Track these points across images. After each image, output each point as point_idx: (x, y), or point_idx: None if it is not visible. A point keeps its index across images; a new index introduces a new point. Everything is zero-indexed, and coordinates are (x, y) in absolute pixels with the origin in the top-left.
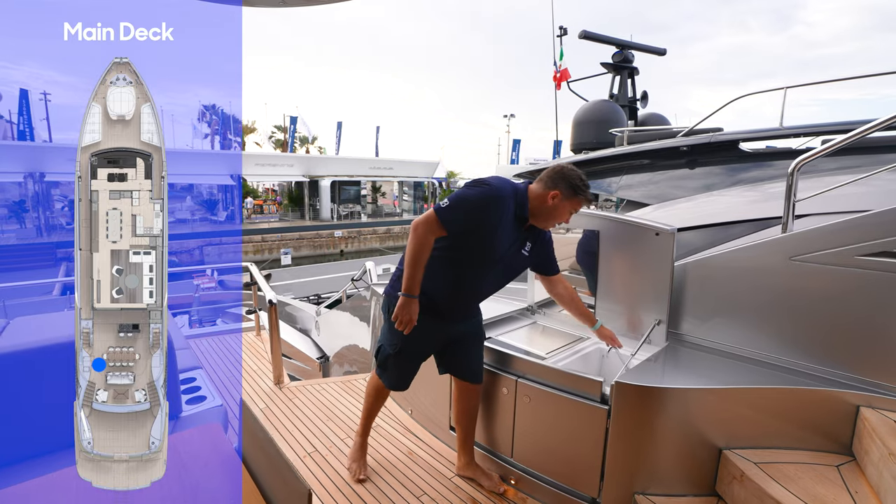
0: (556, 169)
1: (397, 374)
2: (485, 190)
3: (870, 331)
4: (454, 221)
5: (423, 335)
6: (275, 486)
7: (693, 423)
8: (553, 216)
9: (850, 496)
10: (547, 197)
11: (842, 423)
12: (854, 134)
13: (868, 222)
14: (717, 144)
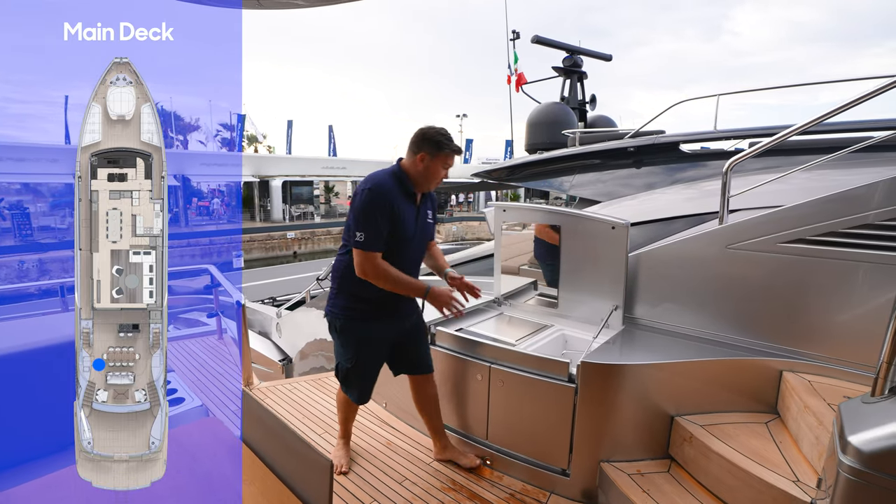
0: (417, 133)
1: (359, 386)
2: (367, 194)
3: (790, 307)
4: (378, 238)
5: (376, 343)
6: (292, 464)
7: (648, 394)
8: (430, 176)
9: (776, 446)
10: (417, 161)
11: (769, 386)
12: (776, 137)
13: (785, 215)
14: (660, 146)
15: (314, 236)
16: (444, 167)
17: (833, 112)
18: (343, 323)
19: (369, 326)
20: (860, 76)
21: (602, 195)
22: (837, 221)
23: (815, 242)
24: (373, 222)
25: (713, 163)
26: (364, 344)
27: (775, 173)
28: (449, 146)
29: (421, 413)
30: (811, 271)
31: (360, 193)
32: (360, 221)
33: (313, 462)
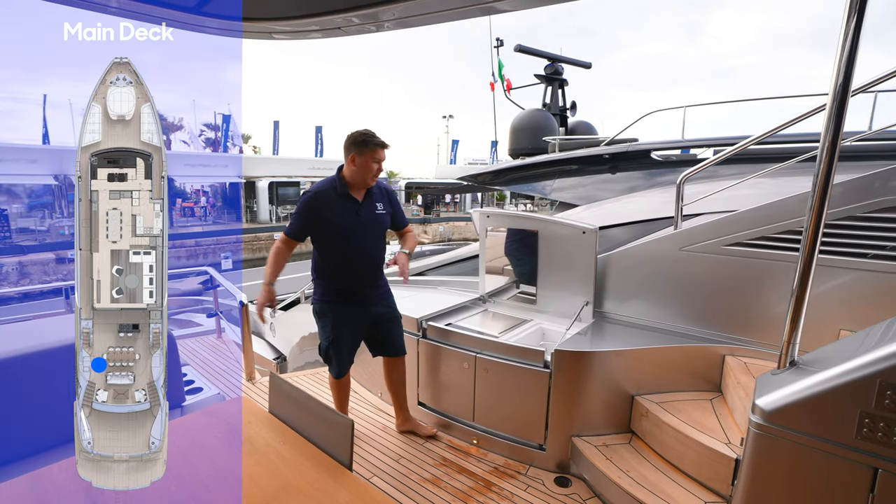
0: (346, 139)
1: (337, 362)
2: (303, 198)
3: (731, 300)
4: (293, 229)
5: (347, 323)
6: (317, 427)
7: (612, 377)
8: (364, 171)
9: (716, 417)
10: (349, 163)
11: (713, 368)
12: (721, 155)
13: (727, 222)
14: (634, 153)
15: None
16: (374, 161)
17: (783, 126)
18: (320, 307)
19: (341, 310)
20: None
21: (580, 199)
22: (767, 227)
23: (750, 245)
24: (297, 218)
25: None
26: (337, 324)
27: (735, 178)
28: (373, 142)
29: (390, 390)
30: (747, 270)
31: (301, 196)
32: (293, 216)
33: (336, 423)
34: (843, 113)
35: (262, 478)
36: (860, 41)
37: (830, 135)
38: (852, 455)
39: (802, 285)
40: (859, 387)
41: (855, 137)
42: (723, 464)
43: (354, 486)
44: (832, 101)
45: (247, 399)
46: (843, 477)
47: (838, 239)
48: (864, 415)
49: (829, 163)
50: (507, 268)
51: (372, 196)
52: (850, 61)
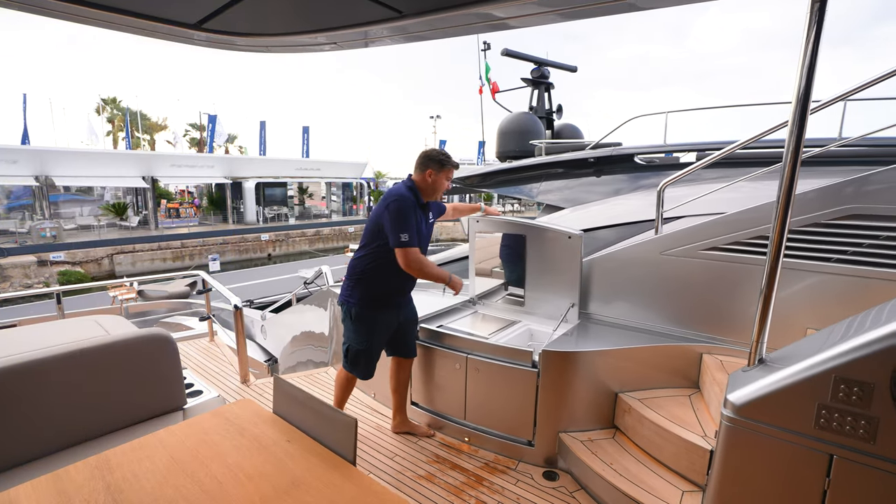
0: (422, 155)
1: (366, 366)
2: (400, 202)
3: (709, 302)
4: (415, 237)
5: (383, 329)
6: (321, 425)
7: (597, 376)
8: (436, 188)
9: (694, 412)
10: (426, 177)
11: (692, 366)
12: (708, 160)
13: (704, 226)
14: (618, 157)
15: (289, 238)
16: (447, 179)
17: (761, 135)
18: (359, 311)
19: (381, 315)
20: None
21: (566, 201)
22: (739, 233)
23: (724, 250)
24: (411, 224)
25: (666, 172)
26: (377, 331)
27: (715, 182)
28: (450, 162)
29: (395, 390)
30: (723, 273)
31: (389, 206)
32: (401, 226)
33: (340, 421)
34: (803, 129)
35: (273, 474)
36: (818, 60)
37: (792, 148)
38: (811, 444)
39: (769, 287)
40: (817, 382)
41: (836, 143)
42: (699, 455)
43: (359, 479)
44: (793, 119)
45: (250, 401)
46: (804, 463)
47: (805, 244)
48: (822, 407)
49: (791, 173)
50: (496, 270)
51: (429, 208)
52: (808, 83)
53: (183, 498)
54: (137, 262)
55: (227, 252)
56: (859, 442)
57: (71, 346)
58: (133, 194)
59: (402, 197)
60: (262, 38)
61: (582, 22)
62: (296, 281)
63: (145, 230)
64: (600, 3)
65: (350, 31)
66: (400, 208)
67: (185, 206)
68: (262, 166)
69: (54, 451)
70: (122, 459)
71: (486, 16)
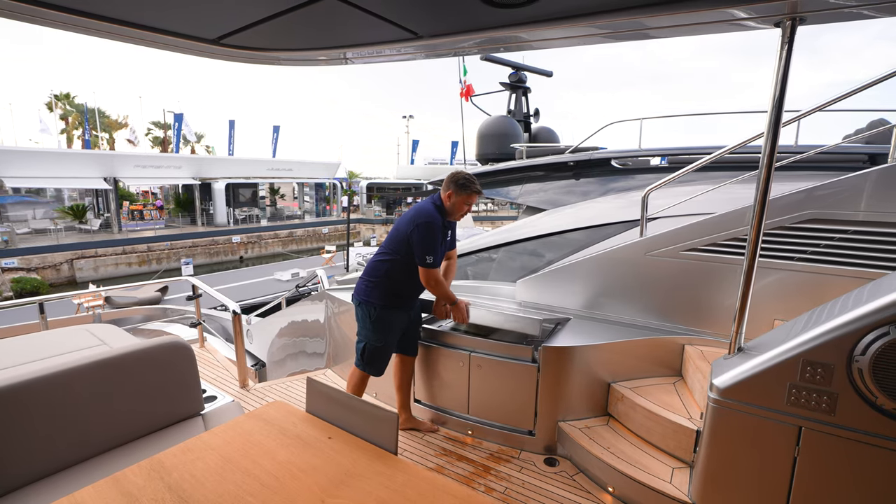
0: (449, 175)
1: (380, 363)
2: (430, 224)
3: (689, 297)
4: (438, 259)
5: (397, 327)
6: (361, 422)
7: (591, 368)
8: (455, 210)
9: (679, 398)
10: (446, 198)
11: (675, 356)
12: (690, 168)
13: (685, 229)
14: (596, 161)
15: (261, 240)
16: (466, 204)
17: (738, 145)
18: (380, 312)
19: (397, 315)
20: (758, 84)
21: (547, 203)
22: (716, 235)
23: (703, 250)
24: (437, 248)
25: (641, 176)
26: (394, 329)
27: (691, 185)
28: (471, 188)
29: (401, 387)
30: (701, 271)
31: (419, 226)
32: (428, 248)
33: (382, 417)
34: (776, 142)
35: (324, 467)
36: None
37: (766, 156)
38: (783, 418)
39: (747, 284)
40: (788, 364)
41: (814, 151)
42: (686, 435)
43: (406, 468)
44: (767, 130)
45: (282, 402)
46: (778, 436)
47: (772, 245)
48: (792, 386)
49: (766, 180)
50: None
51: (449, 225)
52: (781, 96)
53: (246, 493)
54: (100, 266)
55: (198, 255)
56: (822, 415)
57: (93, 357)
58: (93, 196)
59: (431, 217)
60: (277, 52)
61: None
62: (272, 284)
63: (108, 233)
64: (619, 30)
65: (365, 48)
66: (429, 231)
67: (149, 207)
68: (232, 167)
69: (77, 461)
70: (175, 461)
71: (501, 38)
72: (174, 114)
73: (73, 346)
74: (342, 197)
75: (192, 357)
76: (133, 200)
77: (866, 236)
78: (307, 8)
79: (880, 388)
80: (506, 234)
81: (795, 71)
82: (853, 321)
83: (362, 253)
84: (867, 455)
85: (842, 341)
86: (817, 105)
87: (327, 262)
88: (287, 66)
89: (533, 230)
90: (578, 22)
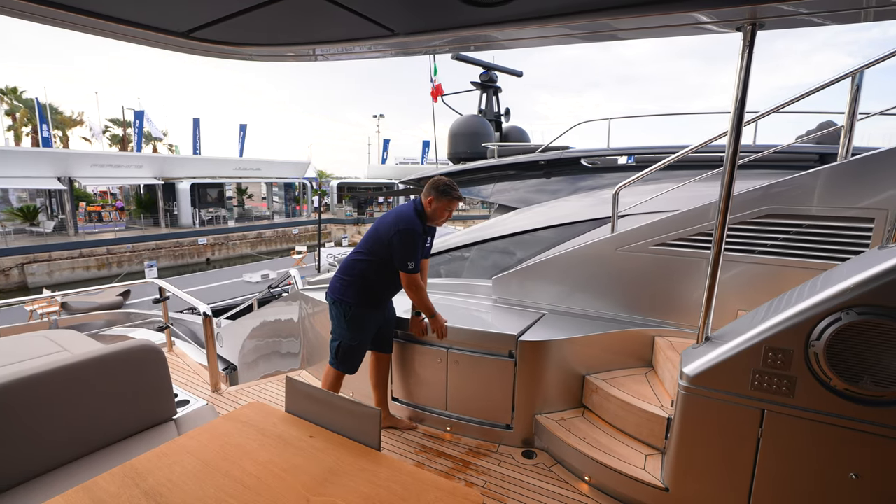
0: (431, 181)
1: (354, 361)
2: (410, 230)
3: (659, 291)
4: (417, 264)
5: (372, 326)
6: (343, 419)
7: (566, 361)
8: (436, 216)
9: (650, 387)
10: (427, 203)
11: (646, 348)
12: (657, 166)
13: (654, 225)
14: (566, 160)
15: (229, 241)
16: (447, 210)
17: (703, 143)
18: (357, 312)
19: (372, 314)
20: (712, 88)
21: (519, 201)
22: (683, 231)
23: (671, 245)
24: (417, 254)
25: (609, 174)
26: (366, 327)
27: (657, 182)
28: (451, 195)
29: (378, 385)
30: (669, 265)
31: (400, 231)
32: (408, 254)
33: (364, 413)
34: (738, 141)
35: (307, 465)
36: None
37: (730, 155)
38: (748, 402)
39: (713, 276)
40: (752, 351)
41: (770, 150)
42: (658, 423)
43: (389, 463)
44: (731, 130)
45: (261, 403)
46: (743, 419)
47: (735, 239)
48: (755, 371)
49: (730, 177)
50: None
51: (429, 230)
52: (742, 97)
53: (228, 495)
54: (55, 271)
55: (162, 257)
56: (783, 397)
57: (55, 363)
58: (45, 196)
59: (412, 223)
60: (249, 47)
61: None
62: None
63: (63, 236)
64: (588, 31)
65: (340, 45)
66: (410, 238)
67: (108, 208)
68: (197, 166)
69: (43, 472)
70: (150, 466)
71: (476, 37)
72: (134, 111)
73: (31, 354)
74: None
75: (162, 360)
76: (90, 201)
77: (819, 230)
78: (285, 2)
79: (834, 371)
80: (478, 232)
81: (752, 75)
82: (809, 309)
83: (334, 253)
84: (822, 433)
85: (799, 328)
86: (773, 107)
87: (298, 263)
88: (257, 62)
89: (505, 229)
90: (550, 22)
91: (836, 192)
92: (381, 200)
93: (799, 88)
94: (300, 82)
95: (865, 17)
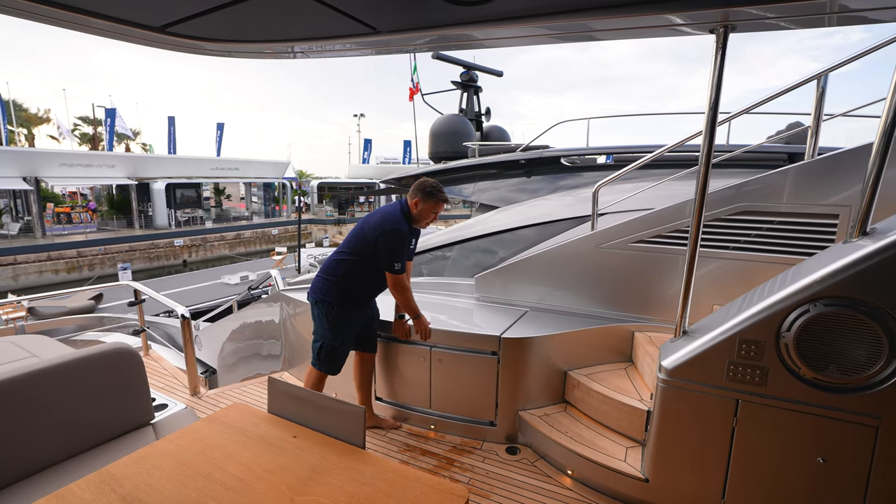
0: (417, 183)
1: (337, 362)
2: (397, 235)
3: (637, 287)
4: (403, 265)
5: (355, 327)
6: (327, 418)
7: (549, 357)
8: (422, 217)
9: (630, 381)
10: (412, 205)
11: (626, 343)
12: (635, 164)
13: (633, 222)
14: (546, 159)
15: (206, 242)
16: (433, 212)
17: (679, 143)
18: (338, 312)
19: (355, 315)
20: (685, 89)
21: (500, 200)
22: (661, 227)
23: (650, 242)
24: (402, 255)
25: (588, 174)
26: (351, 330)
27: (635, 181)
28: (436, 196)
29: (362, 386)
30: (649, 262)
31: (386, 233)
32: (395, 255)
33: (348, 412)
34: (713, 140)
35: (290, 465)
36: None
37: (705, 154)
38: (724, 393)
39: (689, 271)
40: (726, 344)
41: (741, 150)
42: (638, 416)
43: (374, 461)
44: (706, 129)
45: (243, 404)
46: (719, 409)
47: (709, 236)
48: (730, 363)
49: (704, 175)
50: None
51: (414, 231)
52: (716, 98)
53: (209, 497)
54: (21, 275)
55: (136, 259)
56: (756, 387)
57: (23, 369)
58: (10, 197)
59: (399, 224)
60: (226, 43)
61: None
62: (219, 288)
63: (29, 238)
64: (567, 31)
65: (321, 42)
66: (396, 238)
67: (77, 209)
68: (172, 166)
69: (13, 481)
70: (127, 472)
71: (457, 36)
72: (105, 109)
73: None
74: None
75: (139, 363)
76: (59, 202)
77: (788, 226)
78: None
79: (803, 360)
80: (460, 231)
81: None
82: (779, 302)
83: (314, 254)
84: (793, 421)
85: (770, 320)
86: (744, 108)
87: (278, 265)
88: (235, 59)
89: (486, 227)
90: (529, 22)
91: (804, 189)
92: (361, 200)
93: (768, 91)
94: (279, 80)
95: (829, 22)
